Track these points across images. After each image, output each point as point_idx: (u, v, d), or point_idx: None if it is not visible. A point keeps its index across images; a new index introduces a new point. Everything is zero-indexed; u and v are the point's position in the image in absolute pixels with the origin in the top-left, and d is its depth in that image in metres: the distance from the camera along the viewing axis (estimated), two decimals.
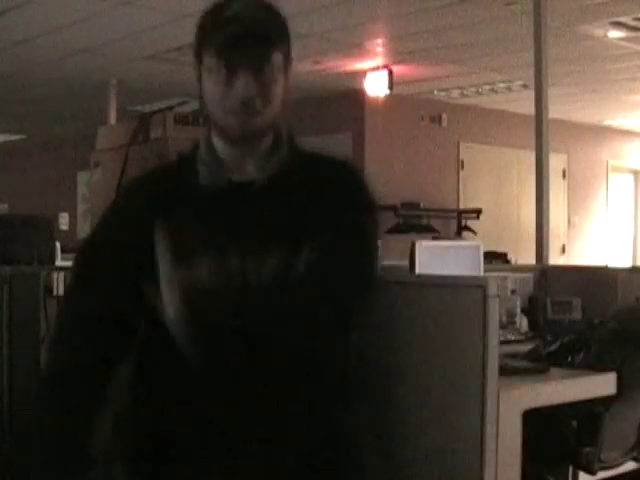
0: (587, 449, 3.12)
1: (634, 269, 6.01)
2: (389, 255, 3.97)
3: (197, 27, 1.65)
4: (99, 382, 1.64)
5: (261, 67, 1.56)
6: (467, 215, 9.47)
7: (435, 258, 4.10)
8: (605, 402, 3.11)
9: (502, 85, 9.13)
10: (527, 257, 6.65)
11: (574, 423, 3.15)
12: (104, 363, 1.64)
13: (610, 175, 11.98)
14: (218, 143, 1.65)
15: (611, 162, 11.96)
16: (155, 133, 3.34)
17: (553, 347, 3.37)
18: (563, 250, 10.93)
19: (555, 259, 8.59)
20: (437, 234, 8.64)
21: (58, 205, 11.94)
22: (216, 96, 1.60)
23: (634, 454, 3.37)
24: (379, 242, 1.72)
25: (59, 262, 4.73)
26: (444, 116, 9.99)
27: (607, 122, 11.41)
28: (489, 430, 2.55)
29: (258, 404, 1.54)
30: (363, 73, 8.42)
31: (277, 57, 1.58)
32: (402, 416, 2.61)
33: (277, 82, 1.59)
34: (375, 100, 8.88)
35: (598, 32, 6.99)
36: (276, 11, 1.63)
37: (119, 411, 1.69)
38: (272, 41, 1.58)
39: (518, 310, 4.26)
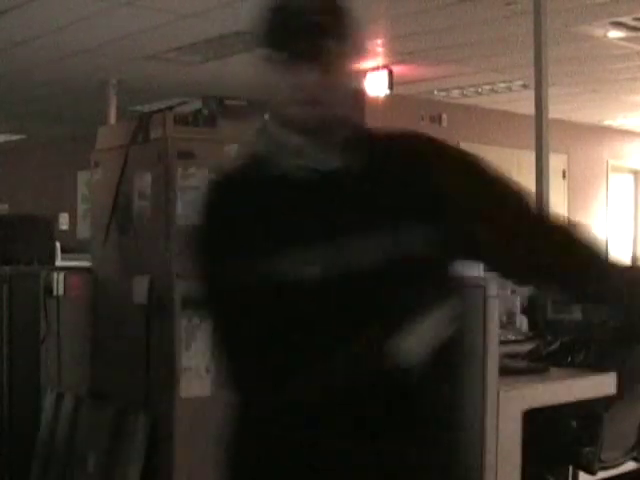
0: (587, 449, 3.12)
1: None
2: None
3: (259, 19, 1.64)
4: None
5: (319, 58, 1.58)
6: None
7: None
8: (605, 402, 3.11)
9: (502, 85, 9.13)
10: None
11: (574, 423, 3.15)
12: None
13: (610, 175, 11.97)
14: (288, 134, 1.64)
15: (611, 162, 11.95)
16: (155, 133, 3.33)
17: (553, 347, 3.37)
18: None
19: None
20: None
21: (58, 205, 11.94)
22: (278, 88, 1.62)
23: (634, 454, 3.37)
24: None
25: (59, 262, 4.73)
26: (444, 116, 9.99)
27: (607, 122, 11.41)
28: (489, 430, 2.55)
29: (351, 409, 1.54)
30: (363, 73, 8.42)
31: (336, 47, 1.60)
32: None
33: (338, 72, 1.61)
34: (375, 100, 8.88)
35: (598, 32, 6.99)
36: (336, 2, 1.65)
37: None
38: (329, 32, 1.60)
39: (518, 310, 4.26)
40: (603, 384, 3.10)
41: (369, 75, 8.41)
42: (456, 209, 1.63)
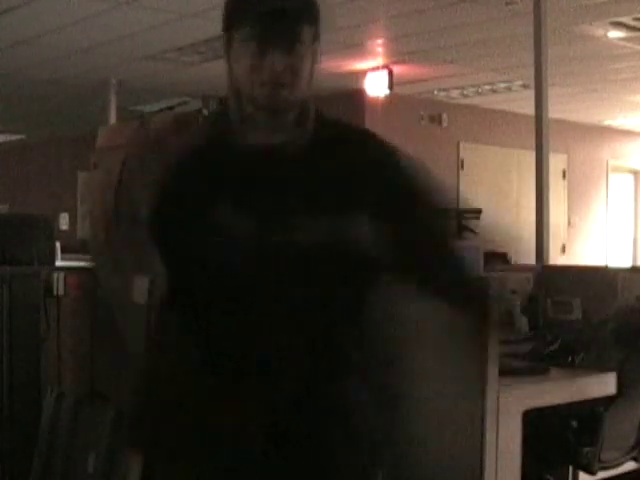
0: (587, 449, 3.12)
1: (634, 269, 6.01)
2: None
3: (228, 1, 1.71)
4: None
5: (292, 43, 1.65)
6: (467, 215, 9.44)
7: None
8: (605, 402, 3.11)
9: (502, 85, 9.12)
10: (527, 257, 6.65)
11: (574, 423, 3.15)
12: None
13: (610, 175, 11.97)
14: (247, 110, 1.73)
15: (611, 162, 11.95)
16: None
17: (553, 347, 3.38)
18: (563, 250, 10.93)
19: (555, 259, 8.59)
20: None
21: (58, 205, 11.94)
22: (247, 68, 1.67)
23: (634, 454, 3.37)
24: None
25: (59, 262, 4.73)
26: (444, 116, 9.98)
27: (607, 122, 11.40)
28: (489, 430, 2.55)
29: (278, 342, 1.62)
30: (363, 73, 8.41)
31: (307, 34, 1.67)
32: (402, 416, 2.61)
33: (306, 58, 1.68)
34: (375, 100, 8.88)
35: (598, 32, 6.99)
36: None
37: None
38: (302, 18, 1.67)
39: (518, 310, 4.26)
40: (603, 384, 3.10)
41: (369, 75, 8.41)
42: (395, 212, 1.71)
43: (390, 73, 8.24)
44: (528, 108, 5.67)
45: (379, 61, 8.16)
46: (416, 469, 1.99)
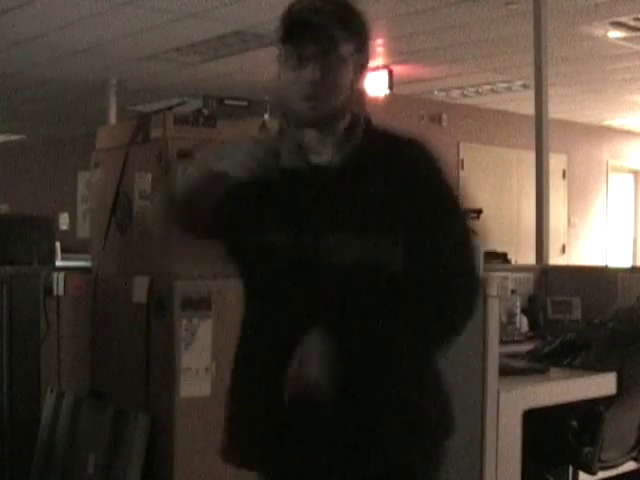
0: (587, 449, 3.12)
1: (634, 269, 6.01)
2: None
3: (279, 19, 1.76)
4: None
5: (325, 55, 1.68)
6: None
7: None
8: (605, 402, 3.11)
9: (502, 85, 9.13)
10: (527, 257, 6.66)
11: (574, 423, 3.15)
12: None
13: (610, 175, 11.97)
14: (294, 127, 1.77)
15: (611, 162, 11.95)
16: (155, 133, 3.33)
17: (553, 347, 3.38)
18: (563, 250, 10.93)
19: (555, 259, 8.59)
20: None
21: (58, 205, 11.94)
22: (287, 82, 1.71)
23: (634, 454, 3.37)
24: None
25: (59, 262, 4.73)
26: (444, 116, 9.98)
27: (607, 122, 11.40)
28: (489, 430, 2.55)
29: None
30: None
31: (342, 46, 1.71)
32: None
33: (342, 69, 1.71)
34: (375, 100, 8.87)
35: (598, 32, 6.99)
36: (345, 4, 1.78)
37: None
38: (333, 31, 1.69)
39: (518, 310, 4.26)
40: (603, 384, 3.10)
41: (369, 75, 8.41)
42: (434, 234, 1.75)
43: (390, 73, 8.24)
44: (528, 108, 5.67)
45: (379, 61, 8.16)
46: None
